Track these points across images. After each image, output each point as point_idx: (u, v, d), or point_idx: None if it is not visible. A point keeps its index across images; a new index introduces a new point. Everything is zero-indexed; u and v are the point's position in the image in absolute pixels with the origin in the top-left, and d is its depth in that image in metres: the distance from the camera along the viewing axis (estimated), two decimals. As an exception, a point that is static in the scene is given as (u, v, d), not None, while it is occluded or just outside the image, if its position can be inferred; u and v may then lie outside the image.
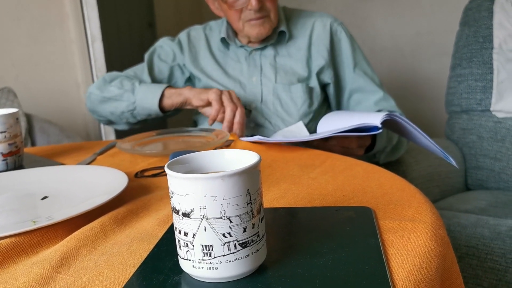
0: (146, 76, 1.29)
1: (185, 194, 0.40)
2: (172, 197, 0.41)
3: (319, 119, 1.12)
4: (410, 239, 0.48)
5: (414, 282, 0.41)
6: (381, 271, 0.41)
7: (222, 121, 1.10)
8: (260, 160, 0.43)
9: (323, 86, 1.28)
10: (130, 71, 1.32)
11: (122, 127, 1.33)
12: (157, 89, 1.19)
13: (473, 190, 1.59)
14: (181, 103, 1.18)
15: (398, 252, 0.45)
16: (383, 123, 0.94)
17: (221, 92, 1.11)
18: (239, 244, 0.41)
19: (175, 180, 0.40)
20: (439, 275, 0.45)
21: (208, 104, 1.13)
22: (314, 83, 1.25)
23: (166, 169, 0.42)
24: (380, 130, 0.91)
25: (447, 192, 1.54)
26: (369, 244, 0.47)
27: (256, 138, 0.94)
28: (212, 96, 1.10)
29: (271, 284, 0.41)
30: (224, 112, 1.09)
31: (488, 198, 1.41)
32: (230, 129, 1.09)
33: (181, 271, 0.44)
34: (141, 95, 1.20)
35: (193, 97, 1.14)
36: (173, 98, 1.18)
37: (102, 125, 2.17)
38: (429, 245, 0.47)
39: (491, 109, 1.56)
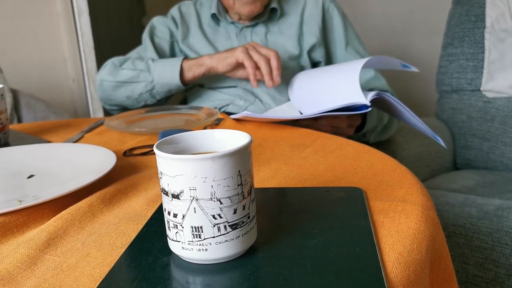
0: (152, 54, 1.25)
1: (175, 175, 0.39)
2: (161, 178, 0.41)
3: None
4: (400, 221, 0.48)
5: (404, 263, 0.41)
6: (372, 253, 0.41)
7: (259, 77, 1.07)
8: (251, 140, 0.42)
9: (314, 64, 1.27)
10: (133, 54, 1.28)
11: None
12: (174, 62, 1.14)
13: (462, 170, 1.60)
14: (204, 73, 1.13)
15: (388, 234, 0.45)
16: (372, 102, 0.93)
17: (246, 48, 1.06)
18: (229, 225, 0.40)
19: (164, 161, 0.40)
20: (429, 256, 0.45)
21: (236, 66, 1.09)
22: (305, 61, 1.23)
23: (155, 149, 0.41)
24: (370, 109, 0.90)
25: (436, 171, 1.55)
26: (360, 225, 0.47)
27: (244, 113, 0.92)
28: (240, 56, 1.05)
29: (262, 266, 0.41)
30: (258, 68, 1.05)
31: (476, 178, 1.42)
32: (271, 80, 1.05)
33: (170, 252, 0.43)
34: (159, 72, 1.15)
35: (217, 64, 1.09)
36: (193, 70, 1.13)
37: (90, 101, 2.14)
38: (420, 227, 0.47)
39: (481, 89, 1.56)
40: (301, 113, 1.06)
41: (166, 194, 0.40)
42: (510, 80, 1.51)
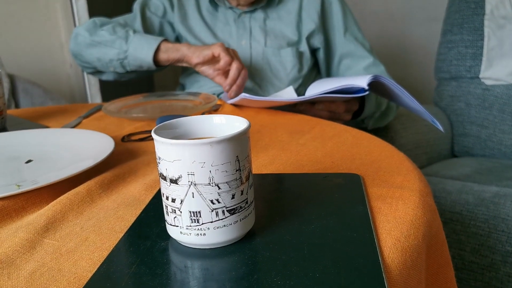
0: (138, 26, 1.24)
1: (173, 160, 0.39)
2: (159, 163, 0.41)
3: (309, 85, 1.11)
4: (398, 207, 0.48)
5: (401, 249, 0.41)
6: (369, 238, 0.42)
7: (221, 80, 1.06)
8: (249, 126, 0.42)
9: (313, 51, 1.27)
10: (120, 19, 1.26)
11: (107, 77, 1.27)
12: (153, 40, 1.13)
13: (459, 157, 1.61)
14: (178, 60, 1.12)
15: (386, 219, 0.46)
16: (370, 87, 0.93)
17: (226, 48, 1.05)
18: (227, 210, 0.40)
19: (162, 146, 0.40)
20: (426, 242, 0.45)
21: (209, 61, 1.08)
22: (304, 47, 1.23)
23: (153, 134, 0.41)
24: (367, 92, 0.90)
25: (434, 158, 1.56)
26: (358, 211, 0.47)
27: (242, 96, 0.92)
28: (217, 49, 1.04)
29: (259, 251, 0.41)
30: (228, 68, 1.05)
31: (474, 165, 1.43)
32: (230, 88, 1.05)
33: (168, 237, 0.43)
34: (135, 45, 1.14)
35: (192, 53, 1.08)
36: (169, 53, 1.12)
37: (88, 87, 2.13)
38: (417, 213, 0.47)
39: (480, 76, 1.56)
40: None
41: (165, 179, 0.40)
42: (509, 67, 1.51)
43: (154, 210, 0.50)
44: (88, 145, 0.68)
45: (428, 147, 1.54)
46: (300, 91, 1.22)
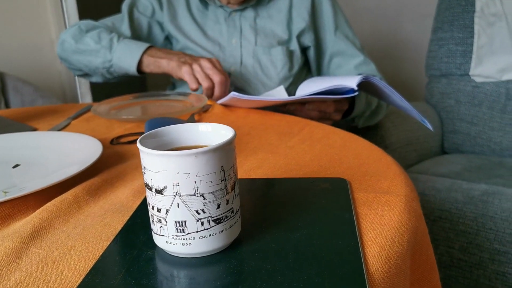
0: (125, 28, 1.24)
1: (158, 170, 0.39)
2: (145, 173, 0.41)
3: (299, 83, 1.11)
4: (383, 213, 0.48)
5: (385, 256, 0.42)
6: (354, 246, 0.42)
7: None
8: (234, 135, 0.42)
9: (304, 50, 1.27)
10: (107, 21, 1.26)
11: (96, 79, 1.27)
12: (137, 50, 1.13)
13: (449, 154, 1.62)
14: (161, 73, 1.13)
15: (371, 226, 0.46)
16: (360, 86, 0.93)
17: (192, 70, 1.04)
18: (212, 220, 0.40)
19: (147, 157, 0.40)
20: (410, 248, 0.46)
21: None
22: (294, 46, 1.23)
23: (138, 145, 0.41)
24: (356, 93, 0.91)
25: (424, 156, 1.57)
26: (344, 218, 0.47)
27: (232, 94, 0.92)
28: (186, 76, 1.04)
29: (245, 259, 0.41)
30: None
31: (463, 162, 1.44)
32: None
33: (155, 245, 0.43)
34: (119, 54, 1.14)
35: (171, 71, 1.09)
36: (151, 68, 1.13)
37: (78, 85, 2.12)
38: (402, 219, 0.47)
39: (470, 73, 1.57)
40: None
41: (150, 189, 0.40)
42: (498, 64, 1.52)
43: (141, 217, 0.50)
44: (76, 149, 0.68)
45: (418, 144, 1.55)
46: (290, 90, 1.22)
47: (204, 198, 0.40)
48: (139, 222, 0.49)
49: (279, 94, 1.13)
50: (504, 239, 1.03)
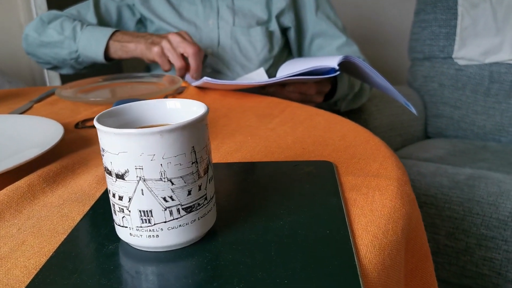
0: (91, 16, 1.17)
1: (118, 152, 0.34)
2: (103, 156, 0.35)
3: (280, 65, 1.06)
4: (374, 198, 0.44)
5: (379, 246, 0.37)
6: (344, 236, 0.37)
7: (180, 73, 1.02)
8: (207, 111, 0.36)
9: (284, 30, 1.21)
10: (73, 10, 1.19)
11: (67, 71, 1.22)
12: (102, 37, 1.06)
13: (433, 138, 1.59)
14: (131, 58, 1.07)
15: (362, 213, 0.41)
16: (343, 67, 0.88)
17: (162, 48, 0.99)
18: (183, 209, 0.35)
19: (105, 136, 0.34)
20: (405, 236, 0.41)
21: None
22: (274, 26, 1.17)
23: (95, 122, 0.35)
24: (338, 73, 0.86)
25: (408, 140, 1.54)
26: (331, 204, 0.42)
27: (204, 79, 0.86)
28: (156, 58, 1.00)
29: (220, 253, 0.36)
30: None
31: (447, 147, 1.41)
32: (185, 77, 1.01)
33: (118, 238, 0.38)
34: (84, 43, 1.08)
35: (141, 54, 1.04)
36: (119, 54, 1.07)
37: (47, 70, 2.03)
38: (395, 204, 0.43)
39: (453, 56, 1.54)
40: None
41: (110, 173, 0.35)
42: (482, 47, 1.49)
43: (104, 207, 0.44)
44: (35, 133, 0.61)
45: (402, 129, 1.51)
46: (271, 72, 1.17)
47: (173, 184, 0.34)
48: (101, 212, 0.43)
49: (260, 76, 1.08)
50: (491, 224, 1.00)
